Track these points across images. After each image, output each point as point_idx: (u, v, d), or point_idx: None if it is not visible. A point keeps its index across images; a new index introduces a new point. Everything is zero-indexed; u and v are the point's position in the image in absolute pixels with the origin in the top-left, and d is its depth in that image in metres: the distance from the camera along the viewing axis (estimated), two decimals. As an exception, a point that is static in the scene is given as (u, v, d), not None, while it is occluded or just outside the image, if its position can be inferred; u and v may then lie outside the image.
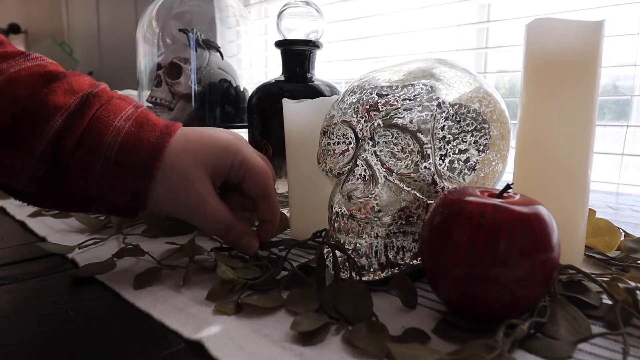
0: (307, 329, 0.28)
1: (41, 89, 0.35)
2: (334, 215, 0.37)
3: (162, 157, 0.36)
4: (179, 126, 0.39)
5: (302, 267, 0.38)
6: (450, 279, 0.28)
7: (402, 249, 0.36)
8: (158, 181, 0.37)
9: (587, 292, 0.33)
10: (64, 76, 0.37)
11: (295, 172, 0.47)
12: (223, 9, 0.71)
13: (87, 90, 0.37)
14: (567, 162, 0.37)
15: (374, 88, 0.37)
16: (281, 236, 0.51)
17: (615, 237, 0.43)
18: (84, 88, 0.37)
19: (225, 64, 0.68)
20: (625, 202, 0.71)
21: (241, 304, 0.33)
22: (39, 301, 0.36)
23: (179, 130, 0.39)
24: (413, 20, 1.06)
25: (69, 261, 0.44)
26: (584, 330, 0.29)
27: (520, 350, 0.27)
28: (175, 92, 0.65)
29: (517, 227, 0.27)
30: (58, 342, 0.29)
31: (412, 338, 0.28)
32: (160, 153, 0.36)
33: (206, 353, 0.27)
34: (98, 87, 0.38)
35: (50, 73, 0.36)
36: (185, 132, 0.39)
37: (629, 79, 0.82)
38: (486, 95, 0.39)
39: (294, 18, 0.53)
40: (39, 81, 0.36)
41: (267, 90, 0.54)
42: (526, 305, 0.28)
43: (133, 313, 0.33)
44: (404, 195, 0.35)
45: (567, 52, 0.36)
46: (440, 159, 0.35)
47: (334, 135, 0.39)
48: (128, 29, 1.85)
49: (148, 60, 0.69)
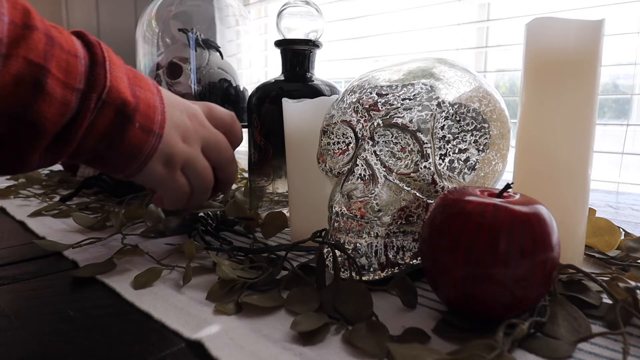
0: (307, 329, 0.28)
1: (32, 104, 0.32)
2: (334, 215, 0.37)
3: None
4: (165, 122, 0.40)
5: (302, 267, 0.38)
6: (450, 279, 0.28)
7: (402, 248, 0.36)
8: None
9: (587, 291, 0.33)
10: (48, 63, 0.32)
11: (295, 172, 0.47)
12: (223, 9, 0.71)
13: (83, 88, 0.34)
14: (567, 161, 0.37)
15: (374, 87, 0.37)
16: (281, 236, 0.51)
17: (615, 237, 0.43)
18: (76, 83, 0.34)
19: (225, 63, 0.68)
20: (625, 201, 0.71)
21: (241, 303, 0.33)
22: (39, 301, 0.36)
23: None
24: (413, 19, 1.06)
25: (69, 261, 0.44)
26: (584, 329, 0.28)
27: (520, 350, 0.27)
28: (175, 91, 0.65)
29: (517, 226, 0.27)
30: (58, 342, 0.29)
31: (412, 338, 0.28)
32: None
33: (206, 353, 0.27)
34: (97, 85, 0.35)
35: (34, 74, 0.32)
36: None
37: (629, 78, 0.82)
38: (486, 94, 0.39)
39: (293, 17, 0.53)
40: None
41: (267, 90, 0.54)
42: (526, 304, 0.28)
43: (133, 313, 0.33)
44: (403, 195, 0.35)
45: (567, 51, 0.36)
46: (440, 158, 0.35)
47: (334, 134, 0.39)
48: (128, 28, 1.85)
49: (148, 59, 0.69)
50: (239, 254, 0.43)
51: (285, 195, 0.54)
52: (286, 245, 0.42)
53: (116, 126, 0.36)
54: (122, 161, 0.38)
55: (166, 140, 0.40)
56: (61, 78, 0.33)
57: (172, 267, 0.41)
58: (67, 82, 0.33)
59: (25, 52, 0.31)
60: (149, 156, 0.39)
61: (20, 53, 0.31)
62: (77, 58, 0.34)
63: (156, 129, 0.39)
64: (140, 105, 0.37)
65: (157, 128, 0.39)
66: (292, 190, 0.47)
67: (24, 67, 0.31)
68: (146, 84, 0.39)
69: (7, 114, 0.31)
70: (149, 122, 0.38)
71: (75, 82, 0.33)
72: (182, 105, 0.43)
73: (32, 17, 0.32)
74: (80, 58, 0.34)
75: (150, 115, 0.38)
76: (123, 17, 2.08)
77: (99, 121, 0.35)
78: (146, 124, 0.38)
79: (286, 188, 0.53)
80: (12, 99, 0.31)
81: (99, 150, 0.37)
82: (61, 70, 0.33)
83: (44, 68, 0.32)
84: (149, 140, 0.38)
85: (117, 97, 0.35)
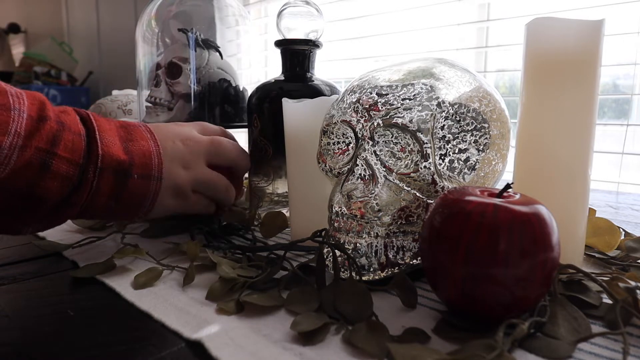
0: (307, 329, 0.28)
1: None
2: (334, 214, 0.37)
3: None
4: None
5: (302, 267, 0.38)
6: (450, 279, 0.28)
7: (402, 248, 0.36)
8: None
9: (587, 291, 0.33)
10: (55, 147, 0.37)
11: (295, 172, 0.47)
12: (222, 9, 0.71)
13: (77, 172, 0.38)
14: (567, 161, 0.37)
15: (374, 87, 0.37)
16: (281, 236, 0.51)
17: (615, 237, 0.43)
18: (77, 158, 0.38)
19: (225, 63, 0.68)
20: (625, 201, 0.71)
21: (241, 302, 0.33)
22: (39, 301, 0.36)
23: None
24: (413, 19, 1.06)
25: (68, 261, 0.44)
26: (584, 329, 0.28)
27: (520, 350, 0.27)
28: (175, 91, 0.65)
29: (517, 226, 0.27)
30: (58, 342, 0.29)
31: (412, 338, 0.28)
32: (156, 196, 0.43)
33: (206, 353, 0.27)
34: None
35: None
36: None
37: (629, 78, 0.82)
38: (486, 94, 0.39)
39: (293, 17, 0.53)
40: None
41: (266, 90, 0.54)
42: (526, 304, 0.28)
43: (133, 313, 0.33)
44: (403, 195, 0.35)
45: (567, 51, 0.36)
46: (440, 158, 0.35)
47: (334, 134, 0.39)
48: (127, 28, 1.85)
49: (147, 60, 0.69)
50: (238, 253, 0.43)
51: (285, 195, 0.54)
52: (285, 244, 0.42)
53: (117, 185, 0.40)
54: (130, 210, 0.42)
55: (167, 177, 0.43)
56: (67, 157, 0.37)
57: (172, 267, 0.41)
58: (71, 159, 0.37)
59: (37, 142, 0.35)
60: (154, 198, 0.43)
61: (33, 144, 0.35)
62: (81, 136, 0.38)
63: (155, 173, 0.42)
64: (135, 159, 0.41)
65: (155, 172, 0.42)
66: (292, 190, 0.47)
67: (35, 153, 0.35)
68: (138, 133, 0.43)
69: (16, 190, 0.36)
70: (146, 170, 0.41)
71: (78, 158, 0.38)
72: (173, 133, 0.46)
73: (46, 108, 0.37)
74: (83, 135, 0.39)
75: (147, 163, 0.42)
76: (123, 17, 2.08)
77: (101, 185, 0.39)
78: (145, 172, 0.41)
79: (286, 188, 0.53)
80: (22, 180, 0.35)
81: (110, 207, 0.41)
82: (67, 150, 0.37)
83: (51, 152, 0.36)
84: (150, 185, 0.42)
85: (111, 160, 0.39)
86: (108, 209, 0.41)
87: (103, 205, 0.40)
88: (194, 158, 0.46)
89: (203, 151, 0.47)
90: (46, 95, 2.30)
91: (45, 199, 0.37)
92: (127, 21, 2.00)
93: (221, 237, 0.49)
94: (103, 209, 0.40)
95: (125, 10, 2.04)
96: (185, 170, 0.45)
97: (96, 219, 0.43)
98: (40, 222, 0.39)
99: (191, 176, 0.45)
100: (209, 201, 0.49)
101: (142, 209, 0.43)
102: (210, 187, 0.47)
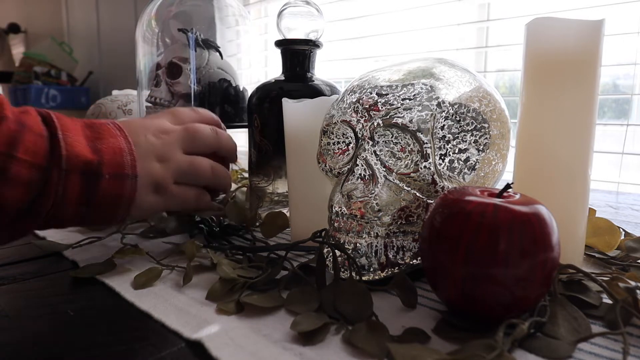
0: (307, 329, 0.28)
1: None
2: (334, 215, 0.37)
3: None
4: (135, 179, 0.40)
5: (302, 267, 0.38)
6: (450, 279, 0.28)
7: (402, 248, 0.36)
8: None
9: (587, 291, 0.33)
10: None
11: (295, 171, 0.47)
12: (222, 9, 0.71)
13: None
14: (567, 161, 0.37)
15: (374, 87, 0.37)
16: (281, 236, 0.51)
17: (615, 237, 0.43)
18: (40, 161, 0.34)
19: (225, 63, 0.68)
20: (625, 201, 0.71)
21: (241, 303, 0.33)
22: (39, 301, 0.36)
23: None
24: (413, 19, 1.06)
25: (68, 261, 0.44)
26: (584, 329, 0.28)
27: (520, 350, 0.27)
28: (175, 91, 0.65)
29: (517, 226, 0.27)
30: (58, 342, 0.29)
31: (412, 338, 0.28)
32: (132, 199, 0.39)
33: (206, 353, 0.27)
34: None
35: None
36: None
37: (629, 78, 0.82)
38: (486, 94, 0.39)
39: (294, 17, 0.53)
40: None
41: (267, 90, 0.54)
42: (526, 304, 0.28)
43: (133, 313, 0.33)
44: (403, 195, 0.35)
45: (567, 51, 0.36)
46: (440, 158, 0.35)
47: (334, 134, 0.39)
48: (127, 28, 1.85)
49: (147, 60, 0.69)
50: (238, 253, 0.43)
51: (285, 195, 0.54)
52: (286, 244, 0.42)
53: (87, 187, 0.36)
54: (107, 213, 0.39)
55: (143, 173, 0.40)
56: (28, 160, 0.34)
57: (172, 267, 0.41)
58: (33, 163, 0.34)
59: None
60: (131, 197, 0.39)
61: None
62: (43, 137, 0.35)
63: (128, 171, 0.39)
64: (105, 157, 0.37)
65: (128, 169, 0.39)
66: (292, 190, 0.47)
67: None
68: (107, 130, 0.39)
69: None
70: (119, 169, 0.38)
71: (41, 161, 0.34)
72: (143, 127, 0.43)
73: (3, 108, 0.34)
74: (45, 136, 0.35)
75: (119, 161, 0.38)
76: (123, 17, 2.08)
77: (68, 189, 0.35)
78: (117, 171, 0.38)
79: (286, 188, 0.53)
80: None
81: (81, 213, 0.37)
82: (28, 152, 0.34)
83: (10, 155, 0.33)
84: (124, 185, 0.38)
85: (77, 161, 0.36)
86: (79, 215, 0.37)
87: (73, 212, 0.36)
88: (169, 149, 0.42)
89: (178, 140, 0.43)
90: (46, 95, 2.30)
91: (4, 207, 0.33)
92: (127, 21, 2.00)
93: (221, 237, 0.49)
94: (73, 216, 0.37)
95: (125, 10, 2.04)
96: (160, 164, 0.42)
97: (69, 226, 0.39)
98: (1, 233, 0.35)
99: (168, 167, 0.42)
100: (198, 190, 0.45)
101: (119, 211, 0.39)
102: (191, 173, 0.44)
